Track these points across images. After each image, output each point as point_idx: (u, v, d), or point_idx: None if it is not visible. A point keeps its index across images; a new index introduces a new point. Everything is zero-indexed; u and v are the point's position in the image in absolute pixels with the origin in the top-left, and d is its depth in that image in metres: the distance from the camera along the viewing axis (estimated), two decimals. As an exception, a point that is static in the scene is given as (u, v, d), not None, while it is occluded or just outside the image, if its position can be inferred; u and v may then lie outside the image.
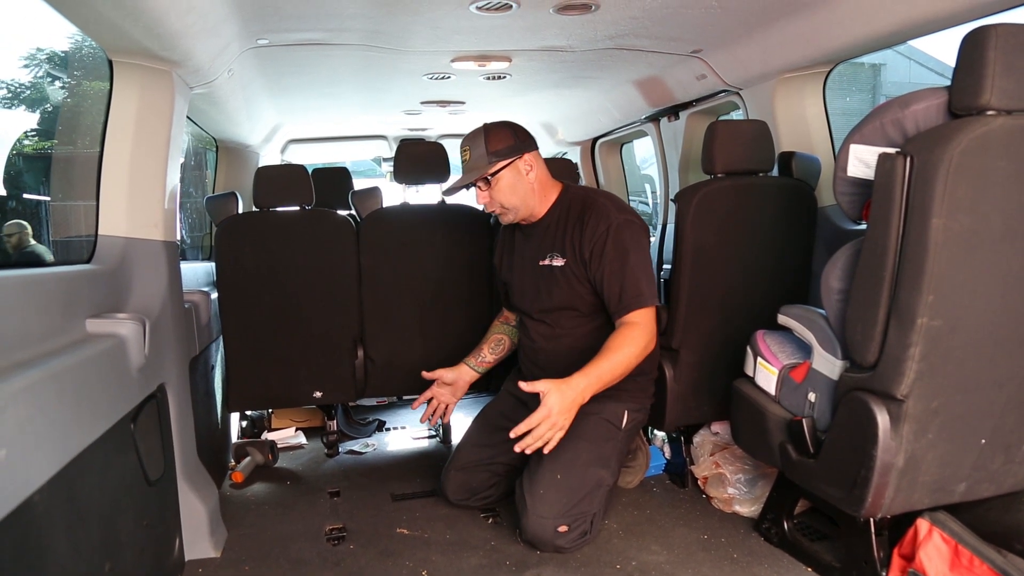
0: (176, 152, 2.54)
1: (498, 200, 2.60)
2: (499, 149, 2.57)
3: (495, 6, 2.45)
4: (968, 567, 2.00)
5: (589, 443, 2.59)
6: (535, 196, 2.64)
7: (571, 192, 2.70)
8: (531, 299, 2.75)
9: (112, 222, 2.33)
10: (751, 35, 2.84)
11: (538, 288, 2.70)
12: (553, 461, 2.51)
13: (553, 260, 2.64)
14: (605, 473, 2.60)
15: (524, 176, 2.60)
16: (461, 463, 2.88)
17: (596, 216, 2.55)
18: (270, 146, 5.09)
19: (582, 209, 2.61)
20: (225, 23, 2.35)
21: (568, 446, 2.50)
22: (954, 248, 1.78)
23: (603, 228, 2.53)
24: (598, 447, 2.61)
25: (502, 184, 2.59)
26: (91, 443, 1.70)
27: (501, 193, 2.59)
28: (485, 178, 2.58)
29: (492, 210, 2.66)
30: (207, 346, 3.12)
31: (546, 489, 2.50)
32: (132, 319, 2.06)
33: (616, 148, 5.24)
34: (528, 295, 2.76)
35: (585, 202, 2.62)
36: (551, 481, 2.51)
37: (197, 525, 2.49)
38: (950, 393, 1.92)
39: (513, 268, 2.83)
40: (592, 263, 2.55)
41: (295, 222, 3.26)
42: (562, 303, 2.66)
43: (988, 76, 1.75)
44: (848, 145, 2.08)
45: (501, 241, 2.94)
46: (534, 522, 2.48)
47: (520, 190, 2.61)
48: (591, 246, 2.54)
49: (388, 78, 3.57)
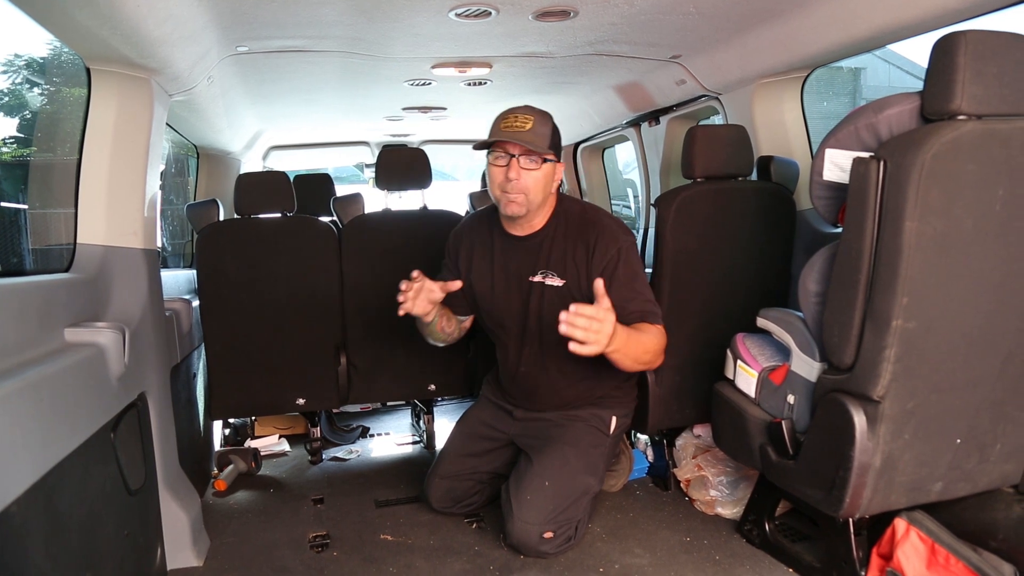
0: (156, 160, 2.53)
1: (527, 186, 2.41)
2: (555, 143, 2.46)
3: (474, 13, 2.46)
4: (944, 565, 2.03)
5: (578, 450, 2.60)
6: (545, 205, 2.54)
7: (565, 205, 2.61)
8: (515, 316, 2.63)
9: (91, 230, 2.32)
10: (729, 41, 2.86)
11: (526, 306, 2.60)
12: (542, 467, 2.54)
13: (547, 279, 2.55)
14: (592, 480, 2.61)
15: (552, 181, 2.49)
16: (445, 472, 2.84)
17: (605, 238, 2.49)
18: (251, 153, 5.08)
19: (582, 227, 2.54)
20: (204, 31, 2.34)
21: (557, 452, 2.54)
22: (927, 251, 1.81)
23: (614, 251, 2.48)
24: (586, 454, 2.62)
25: (539, 175, 2.42)
26: (70, 453, 1.69)
27: (535, 182, 2.42)
28: (539, 157, 2.41)
29: (513, 193, 2.41)
30: (189, 354, 3.11)
31: (533, 495, 2.50)
32: (111, 328, 2.05)
33: (598, 153, 5.27)
34: (512, 311, 2.64)
35: (584, 220, 2.56)
36: (539, 487, 2.51)
37: (179, 534, 2.47)
38: (925, 394, 1.95)
39: (491, 278, 2.65)
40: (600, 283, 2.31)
41: (277, 229, 3.25)
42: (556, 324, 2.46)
43: (958, 82, 1.78)
44: (824, 149, 2.11)
45: (468, 245, 2.71)
46: (520, 527, 2.48)
47: (545, 191, 2.47)
48: (601, 270, 2.45)
49: (369, 84, 3.58)
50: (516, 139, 2.37)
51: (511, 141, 2.38)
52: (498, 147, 2.43)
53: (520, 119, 2.40)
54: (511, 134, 2.38)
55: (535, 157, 2.40)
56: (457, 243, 2.76)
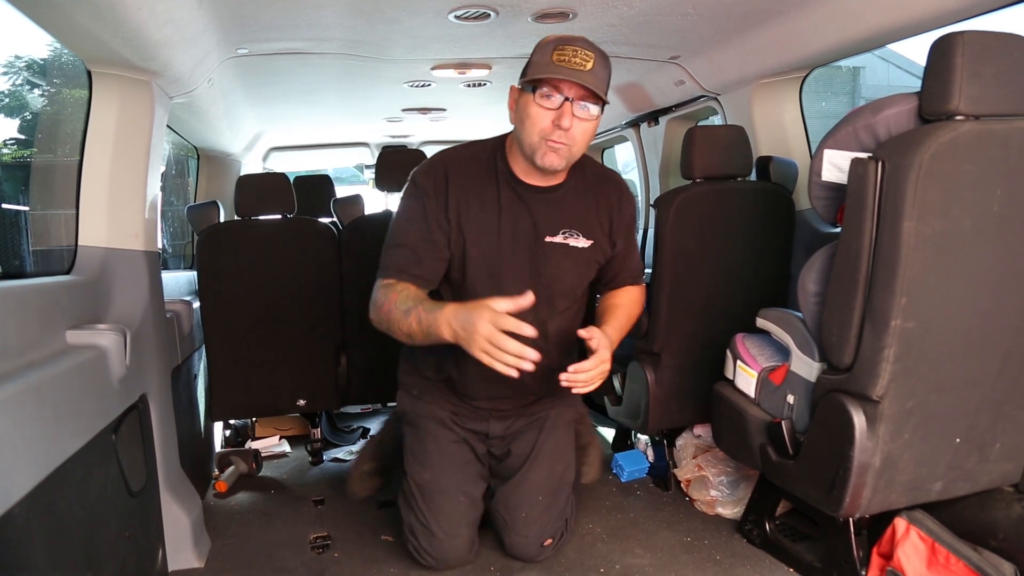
0: (156, 162, 2.53)
1: (575, 136, 2.02)
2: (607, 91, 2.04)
3: (474, 15, 2.47)
4: (945, 565, 2.04)
5: (560, 455, 2.48)
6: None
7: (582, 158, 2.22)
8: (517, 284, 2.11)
9: (92, 232, 2.32)
10: (728, 41, 2.87)
11: (536, 272, 2.22)
12: (533, 485, 2.42)
13: (571, 239, 2.22)
14: (571, 473, 2.54)
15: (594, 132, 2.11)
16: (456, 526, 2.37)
17: (626, 197, 2.28)
18: (252, 154, 5.08)
19: (603, 182, 2.29)
20: (204, 33, 2.35)
21: (544, 466, 2.44)
22: (926, 251, 1.81)
23: (632, 211, 2.33)
24: (566, 456, 2.51)
25: (590, 126, 2.05)
26: (72, 455, 1.69)
27: (584, 134, 2.04)
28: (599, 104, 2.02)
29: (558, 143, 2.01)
30: (189, 355, 3.11)
31: (528, 511, 2.41)
32: (113, 330, 2.05)
33: (597, 154, 5.28)
34: (514, 277, 2.19)
35: (602, 174, 2.34)
36: (533, 503, 2.41)
37: (180, 535, 2.48)
38: (925, 393, 1.95)
39: (496, 236, 2.18)
40: (618, 245, 2.31)
41: (277, 230, 3.26)
42: (570, 288, 2.29)
43: (956, 82, 1.79)
44: (822, 150, 2.11)
45: (459, 191, 2.15)
46: (520, 542, 2.43)
47: (588, 144, 2.12)
48: (622, 228, 2.30)
49: (369, 86, 3.59)
50: (577, 79, 1.94)
51: (571, 80, 1.95)
52: (550, 84, 1.98)
53: (580, 54, 1.95)
54: (570, 72, 1.94)
55: (594, 104, 2.01)
56: (442, 182, 2.16)
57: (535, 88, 1.99)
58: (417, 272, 2.12)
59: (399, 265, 2.12)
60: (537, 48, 2.04)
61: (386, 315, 2.06)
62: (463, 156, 2.21)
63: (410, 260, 2.12)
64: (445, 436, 2.40)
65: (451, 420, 2.41)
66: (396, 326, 2.05)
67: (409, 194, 2.18)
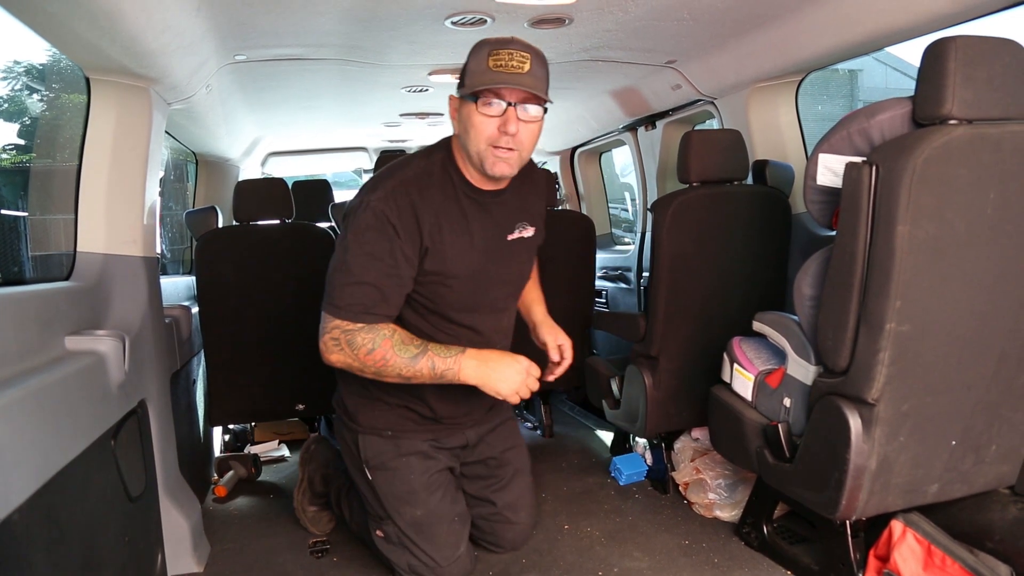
0: (155, 168, 2.54)
1: (523, 140, 1.99)
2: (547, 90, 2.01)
3: (470, 21, 2.49)
4: (941, 567, 2.04)
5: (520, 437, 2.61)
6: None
7: None
8: (494, 291, 2.23)
9: (91, 239, 2.33)
10: (724, 46, 2.88)
11: (510, 270, 2.26)
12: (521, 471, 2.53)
13: (523, 231, 2.24)
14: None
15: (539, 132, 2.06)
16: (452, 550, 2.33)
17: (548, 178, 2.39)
18: (250, 159, 5.09)
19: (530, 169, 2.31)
20: (202, 40, 2.36)
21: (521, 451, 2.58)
22: (920, 254, 1.82)
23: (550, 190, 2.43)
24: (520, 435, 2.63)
25: (536, 128, 2.01)
26: (71, 460, 1.70)
27: (531, 136, 2.00)
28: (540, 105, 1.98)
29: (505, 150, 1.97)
30: (188, 360, 3.12)
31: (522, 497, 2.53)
32: (112, 335, 2.06)
33: (595, 157, 5.28)
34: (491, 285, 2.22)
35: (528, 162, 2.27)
36: (524, 487, 2.54)
37: (179, 540, 2.48)
38: (920, 396, 1.96)
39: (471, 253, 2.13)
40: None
41: (275, 235, 3.27)
42: (526, 278, 2.37)
43: (949, 87, 1.80)
44: (817, 154, 2.12)
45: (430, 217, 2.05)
46: (517, 530, 2.51)
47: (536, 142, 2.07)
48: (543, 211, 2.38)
49: (367, 91, 3.60)
50: (517, 83, 1.90)
51: (510, 86, 1.91)
52: (489, 92, 1.93)
53: (517, 57, 1.90)
54: (509, 77, 1.90)
55: (536, 106, 1.97)
56: (410, 212, 2.02)
57: (476, 97, 1.94)
58: (385, 312, 2.03)
59: (364, 306, 2.00)
60: (472, 53, 1.98)
61: (378, 360, 2.00)
62: (419, 175, 2.07)
63: (376, 300, 2.01)
64: (429, 467, 2.33)
65: (432, 449, 2.35)
66: (393, 371, 2.01)
67: (368, 225, 1.99)
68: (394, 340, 2.01)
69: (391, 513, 2.31)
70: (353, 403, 2.34)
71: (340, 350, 2.02)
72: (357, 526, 2.59)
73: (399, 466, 2.30)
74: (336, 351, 2.02)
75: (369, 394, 2.28)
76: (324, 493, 2.79)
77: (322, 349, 2.05)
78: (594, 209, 5.25)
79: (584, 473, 3.37)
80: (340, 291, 2.01)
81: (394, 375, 2.02)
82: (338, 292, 2.01)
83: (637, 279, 4.31)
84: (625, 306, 4.52)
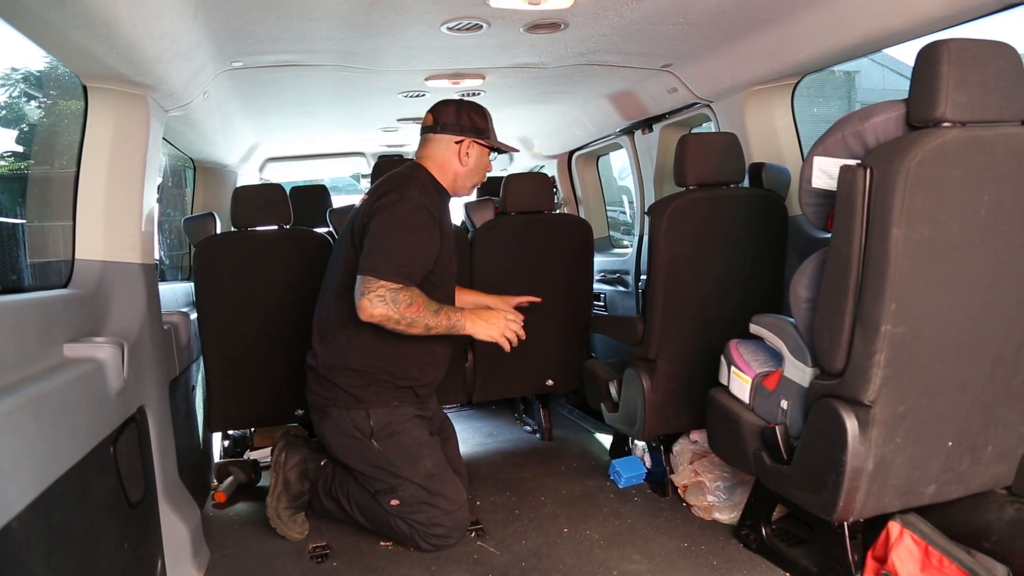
0: (152, 175, 2.55)
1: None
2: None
3: (466, 26, 2.49)
4: (939, 568, 2.05)
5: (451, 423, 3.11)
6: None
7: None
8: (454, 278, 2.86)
9: (89, 246, 2.33)
10: (719, 49, 2.89)
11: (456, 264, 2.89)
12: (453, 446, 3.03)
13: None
14: None
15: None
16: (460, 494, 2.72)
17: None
18: (248, 165, 5.09)
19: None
20: (199, 47, 2.37)
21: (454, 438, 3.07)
22: (914, 257, 1.83)
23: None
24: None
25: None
26: (70, 467, 1.70)
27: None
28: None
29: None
30: (187, 367, 3.12)
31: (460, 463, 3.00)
32: (110, 343, 2.06)
33: (592, 161, 5.29)
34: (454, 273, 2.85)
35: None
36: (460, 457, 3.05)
37: (179, 546, 2.48)
38: (916, 397, 1.97)
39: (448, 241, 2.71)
40: None
41: (273, 241, 3.28)
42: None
43: (942, 90, 1.81)
44: (812, 157, 2.14)
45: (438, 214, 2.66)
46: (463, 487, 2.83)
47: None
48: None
49: (364, 97, 3.61)
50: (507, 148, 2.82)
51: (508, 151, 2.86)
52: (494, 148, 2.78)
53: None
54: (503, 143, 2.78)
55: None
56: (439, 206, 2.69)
57: (496, 149, 2.78)
58: (417, 277, 2.52)
59: (406, 271, 2.47)
60: (480, 114, 2.72)
61: (414, 312, 2.45)
62: (427, 183, 2.67)
63: (414, 267, 2.51)
64: (425, 427, 2.77)
65: (421, 412, 2.78)
66: (422, 321, 2.47)
67: (411, 211, 2.52)
68: (423, 299, 2.49)
69: (404, 473, 2.63)
70: (353, 384, 2.65)
71: (384, 304, 2.42)
72: (360, 509, 2.75)
73: (407, 427, 2.67)
74: (381, 305, 2.42)
75: (370, 376, 2.64)
76: (300, 493, 2.86)
77: (364, 305, 2.43)
78: (592, 213, 5.26)
79: (583, 476, 3.38)
80: (387, 259, 2.46)
81: (421, 325, 2.48)
82: (384, 260, 2.45)
83: (635, 282, 4.32)
84: (623, 309, 4.52)
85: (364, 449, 2.64)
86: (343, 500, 2.78)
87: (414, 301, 2.45)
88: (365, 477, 2.68)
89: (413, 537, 2.64)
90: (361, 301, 2.42)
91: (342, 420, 2.65)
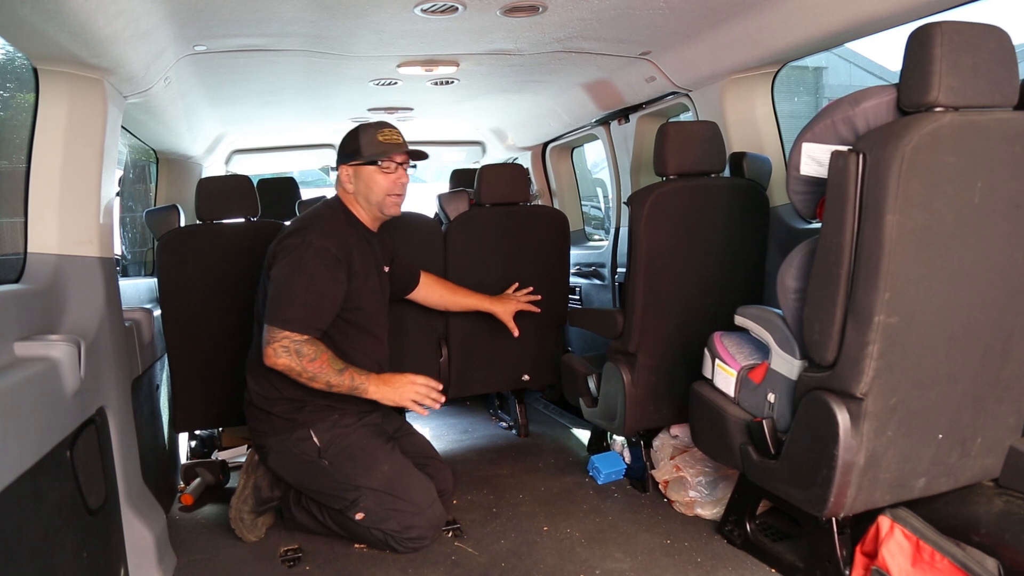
0: (111, 164, 2.43)
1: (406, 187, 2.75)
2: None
3: (441, 8, 2.40)
4: (930, 562, 2.01)
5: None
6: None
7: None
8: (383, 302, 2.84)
9: (42, 239, 2.21)
10: (699, 36, 2.84)
11: (385, 290, 2.86)
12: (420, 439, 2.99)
13: (386, 267, 2.87)
14: None
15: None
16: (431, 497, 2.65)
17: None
18: (213, 157, 4.95)
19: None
20: (158, 28, 2.25)
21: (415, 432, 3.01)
22: (908, 245, 1.78)
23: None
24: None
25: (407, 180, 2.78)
26: (21, 474, 1.59)
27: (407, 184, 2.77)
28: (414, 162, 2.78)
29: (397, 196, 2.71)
30: (151, 365, 3.00)
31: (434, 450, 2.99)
32: (65, 340, 1.94)
33: (567, 152, 5.23)
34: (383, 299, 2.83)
35: None
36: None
37: (143, 553, 2.37)
38: (908, 389, 1.93)
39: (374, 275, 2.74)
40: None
41: (240, 234, 3.17)
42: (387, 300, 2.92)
43: (935, 73, 1.76)
44: (800, 144, 2.08)
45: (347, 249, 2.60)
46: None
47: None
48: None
49: (333, 85, 3.50)
50: (405, 149, 2.66)
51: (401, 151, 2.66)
52: (386, 158, 2.64)
53: (395, 133, 2.67)
54: (398, 145, 2.65)
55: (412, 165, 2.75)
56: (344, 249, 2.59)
57: (375, 162, 2.63)
58: (322, 326, 2.52)
59: (309, 321, 2.47)
60: (358, 136, 2.64)
61: (316, 367, 2.44)
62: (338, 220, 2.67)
63: (317, 316, 2.50)
64: (373, 432, 2.71)
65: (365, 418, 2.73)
66: (324, 377, 2.46)
67: (311, 257, 2.50)
68: (329, 355, 2.48)
69: (361, 483, 2.57)
70: (289, 410, 2.62)
71: (288, 355, 2.43)
72: (332, 519, 2.68)
73: (353, 437, 2.64)
74: (285, 356, 2.43)
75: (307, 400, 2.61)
76: (269, 499, 2.81)
77: (269, 354, 2.44)
78: (567, 205, 5.20)
79: (561, 473, 3.32)
80: (288, 309, 2.45)
81: (323, 381, 2.46)
82: (287, 310, 2.45)
83: (611, 275, 4.26)
84: (600, 303, 4.47)
85: (316, 470, 2.61)
86: (315, 510, 2.72)
87: (318, 356, 2.45)
88: (327, 497, 2.64)
89: (388, 543, 2.57)
90: (266, 349, 2.44)
91: (286, 448, 2.62)
